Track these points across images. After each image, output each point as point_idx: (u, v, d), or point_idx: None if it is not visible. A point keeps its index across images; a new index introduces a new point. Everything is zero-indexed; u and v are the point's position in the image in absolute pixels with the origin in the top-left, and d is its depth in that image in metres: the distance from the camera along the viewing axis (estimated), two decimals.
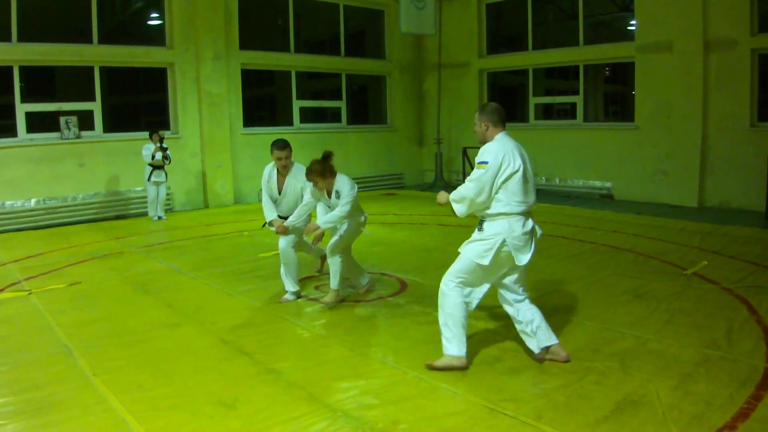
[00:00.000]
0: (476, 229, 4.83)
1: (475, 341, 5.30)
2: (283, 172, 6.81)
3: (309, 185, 6.49)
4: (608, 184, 14.12)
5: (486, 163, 4.64)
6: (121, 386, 4.56)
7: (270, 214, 6.89)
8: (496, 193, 4.64)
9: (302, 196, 6.79)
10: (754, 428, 3.73)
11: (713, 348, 5.04)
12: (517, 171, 4.61)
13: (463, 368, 4.73)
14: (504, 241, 4.63)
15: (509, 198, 4.62)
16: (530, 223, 4.75)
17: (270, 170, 6.93)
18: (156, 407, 4.23)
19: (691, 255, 8.43)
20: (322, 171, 6.24)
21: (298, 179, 6.73)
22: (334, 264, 6.51)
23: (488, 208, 4.70)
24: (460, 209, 4.84)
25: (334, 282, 6.52)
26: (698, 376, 4.50)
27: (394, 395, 4.35)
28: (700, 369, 4.63)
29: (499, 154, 4.65)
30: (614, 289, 6.86)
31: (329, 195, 6.47)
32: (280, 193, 6.85)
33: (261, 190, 7.06)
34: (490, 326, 5.68)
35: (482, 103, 5.05)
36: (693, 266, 7.76)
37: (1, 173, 11.75)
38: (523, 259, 4.66)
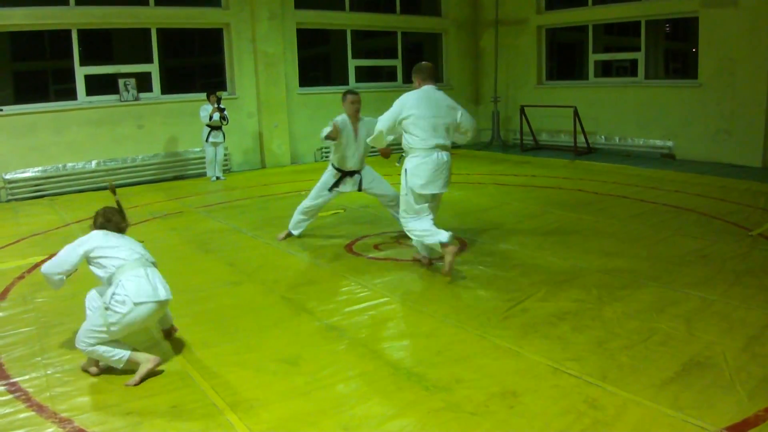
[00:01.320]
0: None
1: (536, 300, 5.29)
2: (357, 117, 7.20)
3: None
4: (669, 143, 13.75)
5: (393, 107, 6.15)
6: (185, 343, 4.67)
7: None
8: (406, 132, 6.06)
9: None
10: None
11: None
12: (409, 116, 5.99)
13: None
14: (406, 170, 6.08)
15: (409, 137, 6.04)
16: (435, 156, 6.00)
17: (343, 119, 7.25)
18: (220, 364, 4.31)
19: (756, 216, 8.21)
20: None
21: (365, 127, 7.18)
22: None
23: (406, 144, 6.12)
24: (374, 139, 6.42)
25: None
26: (765, 339, 4.40)
27: (456, 353, 4.35)
28: (767, 331, 4.53)
29: (399, 103, 6.10)
30: (678, 250, 6.73)
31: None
32: (356, 140, 7.20)
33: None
34: (551, 287, 5.63)
35: (417, 64, 6.36)
36: (758, 227, 7.54)
37: (63, 136, 11.96)
38: (412, 182, 6.01)
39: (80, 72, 12.20)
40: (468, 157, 15.04)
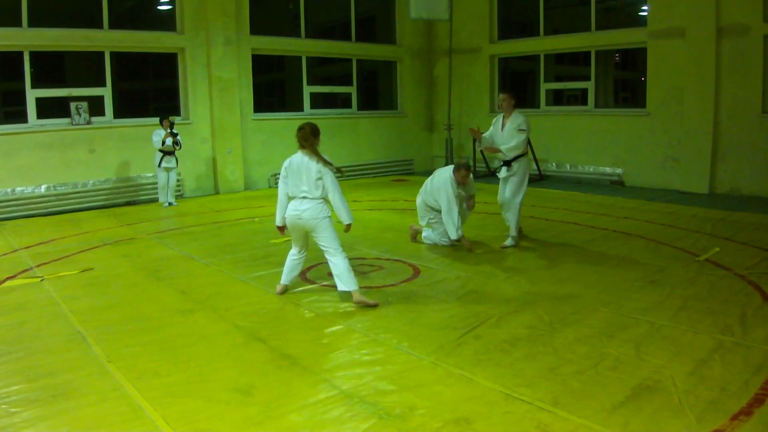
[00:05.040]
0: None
1: (488, 327, 5.33)
2: (507, 112, 8.50)
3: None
4: (619, 171, 14.05)
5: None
6: (136, 373, 4.57)
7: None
8: None
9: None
10: None
11: (727, 334, 5.04)
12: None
13: None
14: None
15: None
16: None
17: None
18: (172, 394, 4.24)
19: (702, 241, 8.41)
20: None
21: (513, 122, 8.39)
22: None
23: None
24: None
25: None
26: (713, 362, 4.49)
27: (410, 381, 4.35)
28: (714, 355, 4.62)
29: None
30: (627, 275, 6.85)
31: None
32: (503, 130, 8.46)
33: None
34: (504, 314, 5.67)
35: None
36: (705, 253, 7.74)
37: (12, 159, 11.75)
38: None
39: (31, 95, 12.04)
40: (421, 183, 15.07)
